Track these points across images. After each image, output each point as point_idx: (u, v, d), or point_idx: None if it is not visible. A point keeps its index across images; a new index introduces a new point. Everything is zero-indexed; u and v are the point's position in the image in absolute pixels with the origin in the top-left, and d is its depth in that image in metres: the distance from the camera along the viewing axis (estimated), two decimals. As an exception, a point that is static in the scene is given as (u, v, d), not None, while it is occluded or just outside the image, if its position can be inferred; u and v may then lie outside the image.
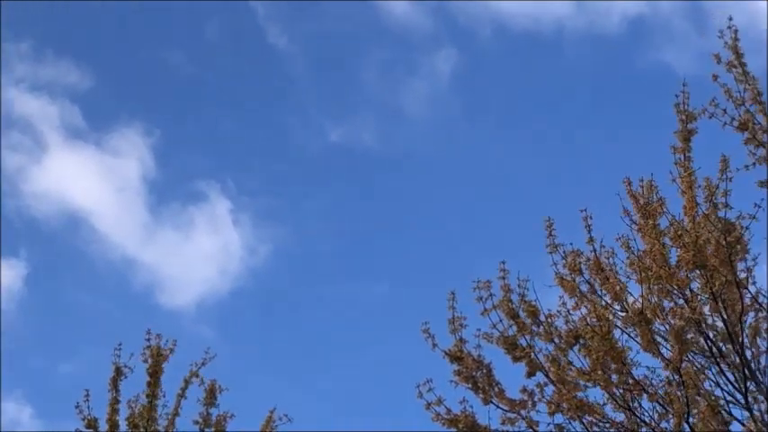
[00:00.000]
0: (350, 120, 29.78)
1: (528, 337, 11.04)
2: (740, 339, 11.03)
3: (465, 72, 28.72)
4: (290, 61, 29.89)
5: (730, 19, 11.71)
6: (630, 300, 11.22)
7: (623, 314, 11.11)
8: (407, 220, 28.45)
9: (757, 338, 11.19)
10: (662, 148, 11.59)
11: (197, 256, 29.00)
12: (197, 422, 12.60)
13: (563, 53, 28.89)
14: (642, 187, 11.65)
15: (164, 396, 12.57)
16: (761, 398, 10.93)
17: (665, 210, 11.28)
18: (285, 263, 28.93)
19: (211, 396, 12.63)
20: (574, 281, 11.46)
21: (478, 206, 28.24)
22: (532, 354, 10.98)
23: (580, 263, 11.53)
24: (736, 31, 11.73)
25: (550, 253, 11.56)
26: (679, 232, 10.99)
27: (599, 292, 11.39)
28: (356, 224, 28.84)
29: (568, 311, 11.33)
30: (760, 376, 11.05)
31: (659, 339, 11.01)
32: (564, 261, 11.57)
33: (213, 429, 12.50)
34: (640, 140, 24.45)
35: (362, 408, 24.55)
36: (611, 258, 11.53)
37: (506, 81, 28.96)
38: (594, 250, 11.48)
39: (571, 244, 11.57)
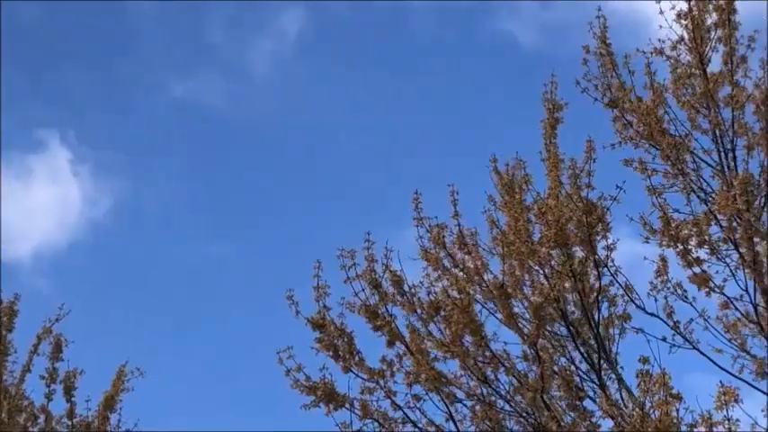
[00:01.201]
0: (196, 77, 29.29)
1: (389, 306, 11.08)
2: (596, 318, 11.25)
3: (313, 33, 28.34)
4: (136, 13, 29.25)
5: (599, 9, 12.11)
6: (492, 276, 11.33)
7: (484, 288, 11.20)
8: (257, 185, 28.06)
9: (613, 318, 11.39)
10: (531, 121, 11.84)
11: (35, 206, 28.25)
12: (43, 377, 12.42)
13: (410, 21, 28.62)
14: (507, 165, 11.83)
15: (15, 352, 12.37)
16: (614, 376, 11.15)
17: (530, 187, 11.46)
18: (126, 218, 28.31)
19: (57, 350, 12.46)
20: (437, 254, 11.54)
21: (332, 176, 28.05)
22: (393, 323, 11.02)
23: (444, 236, 11.60)
24: (604, 22, 12.09)
25: (416, 226, 11.62)
26: (543, 210, 11.15)
27: (461, 266, 11.48)
28: (202, 185, 28.34)
29: (431, 283, 11.40)
30: (613, 355, 11.27)
31: (519, 315, 11.16)
32: (429, 234, 11.63)
33: (62, 385, 12.32)
34: (503, 115, 24.53)
35: (216, 370, 24.33)
36: (475, 235, 11.62)
37: (355, 46, 28.70)
38: (459, 225, 11.56)
39: (436, 217, 11.64)
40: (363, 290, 11.16)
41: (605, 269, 11.36)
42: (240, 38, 28.60)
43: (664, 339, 11.47)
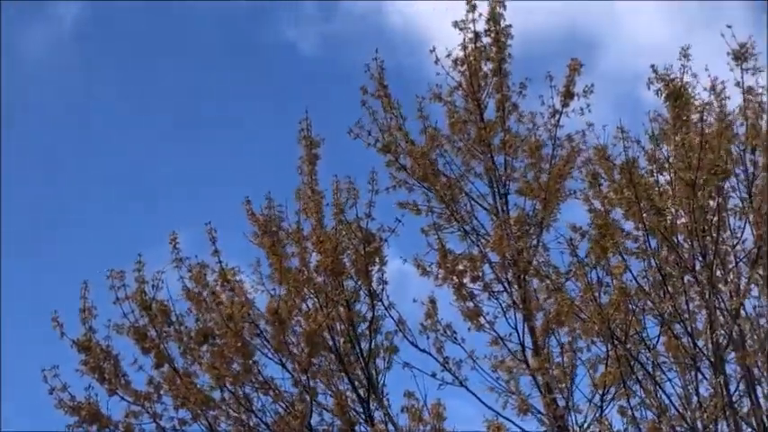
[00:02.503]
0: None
1: (158, 328, 10.80)
2: (366, 350, 11.22)
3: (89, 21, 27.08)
4: None
5: (376, 51, 12.25)
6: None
7: (256, 314, 11.05)
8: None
9: (380, 351, 11.37)
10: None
11: None
12: None
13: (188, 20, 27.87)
14: (263, 207, 11.74)
15: None
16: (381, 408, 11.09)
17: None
18: None
19: None
20: (200, 293, 11.21)
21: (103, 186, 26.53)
22: (161, 345, 10.74)
23: (205, 274, 11.30)
24: (381, 64, 12.25)
25: (176, 267, 11.26)
26: (321, 238, 11.14)
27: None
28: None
29: (201, 314, 11.16)
30: (380, 387, 11.22)
31: (292, 342, 11.03)
32: (190, 274, 11.30)
33: None
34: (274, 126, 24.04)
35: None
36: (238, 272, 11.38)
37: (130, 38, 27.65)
38: (220, 262, 11.18)
39: (196, 256, 11.34)
40: (133, 311, 10.86)
41: (380, 302, 11.38)
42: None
43: (433, 375, 11.50)
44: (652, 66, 11.29)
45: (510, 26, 12.21)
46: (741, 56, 11.47)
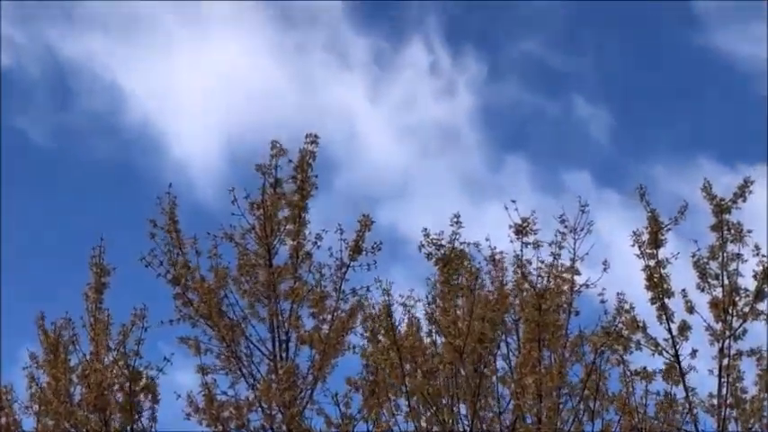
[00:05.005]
0: None
1: None
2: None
3: None
4: None
5: (170, 185, 12.34)
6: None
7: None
8: None
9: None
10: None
11: None
12: None
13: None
14: (55, 324, 11.70)
15: None
16: None
17: (77, 347, 11.40)
18: None
19: None
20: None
21: None
22: None
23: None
24: (173, 200, 12.30)
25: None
26: (87, 372, 11.10)
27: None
28: None
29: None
30: None
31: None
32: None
33: None
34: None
35: None
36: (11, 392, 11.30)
37: None
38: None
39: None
40: None
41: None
42: None
43: None
44: (424, 229, 11.58)
45: (316, 176, 12.42)
46: (522, 230, 11.81)
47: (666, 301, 11.79)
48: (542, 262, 11.91)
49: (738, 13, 25.86)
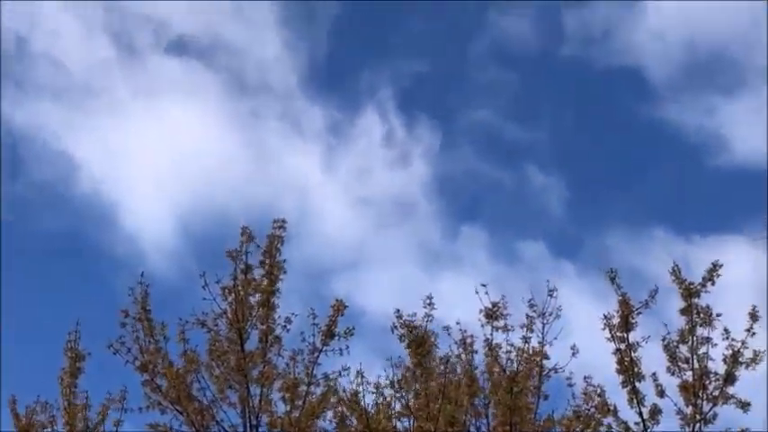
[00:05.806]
0: None
1: None
2: None
3: None
4: None
5: (142, 275, 12.33)
6: None
7: None
8: None
9: None
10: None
11: None
12: None
13: None
14: (28, 408, 11.67)
15: None
16: None
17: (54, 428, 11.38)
18: None
19: None
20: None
21: None
22: None
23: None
24: (146, 289, 12.29)
25: None
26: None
27: None
28: None
29: None
30: None
31: None
32: None
33: None
34: None
35: None
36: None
37: None
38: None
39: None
40: None
41: None
42: None
43: None
44: (396, 311, 11.60)
45: (285, 260, 12.46)
46: (492, 314, 11.85)
47: (637, 384, 11.80)
48: (512, 345, 11.95)
49: (689, 83, 26.35)
